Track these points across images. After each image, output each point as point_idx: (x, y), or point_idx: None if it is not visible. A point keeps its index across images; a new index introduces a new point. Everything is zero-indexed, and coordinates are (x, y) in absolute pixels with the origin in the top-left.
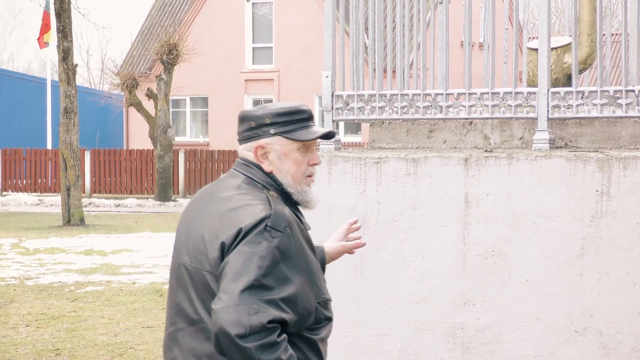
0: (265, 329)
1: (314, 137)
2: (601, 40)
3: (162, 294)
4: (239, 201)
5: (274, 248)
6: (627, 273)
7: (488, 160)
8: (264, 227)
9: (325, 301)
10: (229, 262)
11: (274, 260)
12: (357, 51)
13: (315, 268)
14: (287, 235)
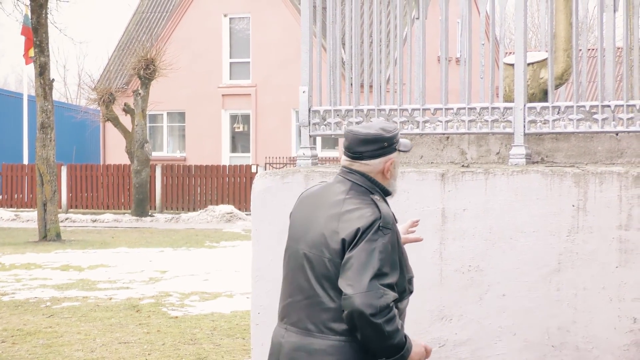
0: (389, 307)
1: (412, 146)
2: (577, 55)
3: (139, 310)
4: (352, 204)
5: (387, 243)
6: (604, 288)
7: (465, 175)
8: (377, 227)
9: (410, 278)
10: (354, 256)
11: (387, 252)
12: (334, 66)
13: (404, 251)
14: (394, 231)
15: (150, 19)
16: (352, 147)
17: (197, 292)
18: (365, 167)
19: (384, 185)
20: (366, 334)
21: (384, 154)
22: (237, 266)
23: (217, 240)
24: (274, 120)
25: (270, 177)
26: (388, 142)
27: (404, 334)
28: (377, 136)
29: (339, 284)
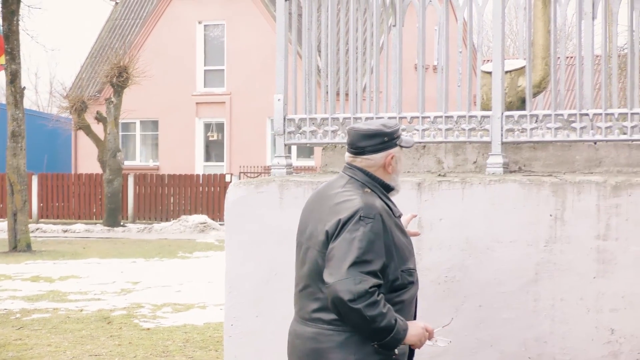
0: (367, 292)
1: (413, 143)
2: (555, 63)
3: (110, 321)
4: (342, 197)
5: (368, 232)
6: (581, 299)
7: (441, 184)
8: (358, 218)
9: (409, 269)
10: (335, 247)
11: (369, 240)
12: (309, 74)
13: (401, 243)
14: (377, 221)
15: (124, 26)
16: (354, 143)
17: (169, 304)
18: (366, 162)
19: (384, 180)
20: (350, 319)
21: (384, 148)
22: (210, 277)
23: (190, 251)
24: (249, 128)
25: (245, 186)
26: (388, 137)
27: (392, 317)
28: (377, 131)
29: (323, 274)
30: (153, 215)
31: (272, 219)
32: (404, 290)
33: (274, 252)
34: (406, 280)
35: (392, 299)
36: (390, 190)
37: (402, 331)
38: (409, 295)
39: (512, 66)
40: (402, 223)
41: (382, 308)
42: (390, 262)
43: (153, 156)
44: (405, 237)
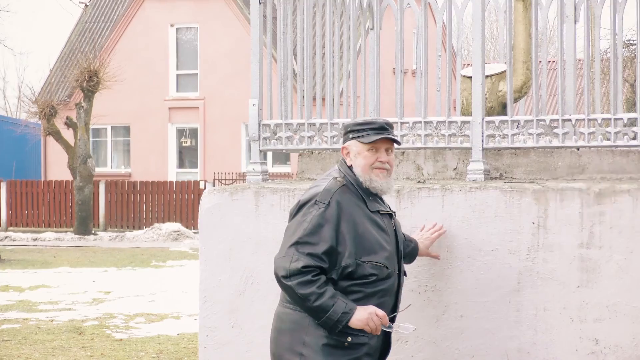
0: (301, 272)
1: (371, 140)
2: (537, 67)
3: (82, 332)
4: (315, 183)
5: (319, 215)
6: (565, 308)
7: (421, 191)
8: (314, 202)
9: (373, 263)
10: (288, 227)
11: (318, 224)
12: (285, 78)
13: (368, 235)
14: (332, 207)
15: (94, 29)
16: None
17: (142, 314)
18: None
19: (354, 173)
20: (288, 296)
21: (344, 141)
22: (184, 286)
23: (164, 260)
24: (223, 134)
25: (219, 193)
26: (345, 130)
27: (330, 299)
28: (344, 125)
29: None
30: (125, 223)
31: (248, 227)
32: (366, 282)
33: (249, 261)
34: (367, 272)
35: (348, 287)
36: (364, 186)
37: (342, 314)
38: (376, 289)
39: (493, 70)
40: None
41: (317, 288)
42: (342, 249)
43: (125, 163)
44: (383, 232)
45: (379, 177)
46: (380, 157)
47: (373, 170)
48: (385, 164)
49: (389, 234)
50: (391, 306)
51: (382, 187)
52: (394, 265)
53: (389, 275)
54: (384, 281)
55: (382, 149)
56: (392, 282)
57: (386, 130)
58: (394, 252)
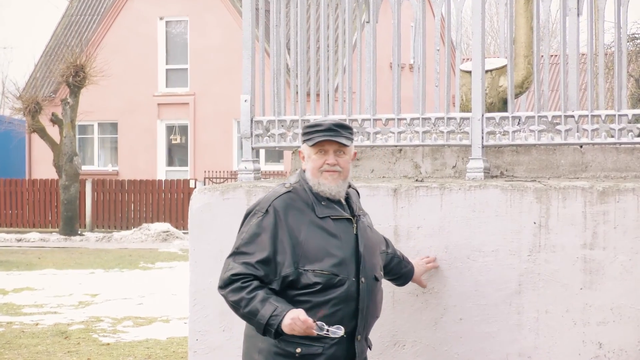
0: (232, 280)
1: (314, 143)
2: (539, 62)
3: (67, 336)
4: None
5: (256, 225)
6: (567, 311)
7: (419, 190)
8: (254, 211)
9: (316, 271)
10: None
11: (255, 233)
12: (278, 73)
13: (312, 242)
14: (270, 215)
15: (80, 22)
16: None
17: (130, 317)
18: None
19: (306, 177)
20: (228, 305)
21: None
22: (174, 289)
23: (153, 261)
24: (214, 131)
25: (210, 192)
26: (301, 133)
27: (259, 303)
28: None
29: None
30: (112, 224)
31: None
32: (311, 291)
33: None
34: (310, 281)
35: (295, 297)
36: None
37: (271, 317)
38: (326, 298)
39: (493, 65)
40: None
41: (247, 294)
42: (281, 259)
43: (112, 161)
44: (333, 238)
45: (327, 181)
46: (328, 160)
47: (322, 174)
48: (335, 166)
49: (343, 239)
50: (351, 313)
51: (330, 191)
52: (348, 271)
53: (340, 283)
54: (335, 289)
55: (331, 151)
56: (346, 290)
57: (333, 132)
58: (349, 258)
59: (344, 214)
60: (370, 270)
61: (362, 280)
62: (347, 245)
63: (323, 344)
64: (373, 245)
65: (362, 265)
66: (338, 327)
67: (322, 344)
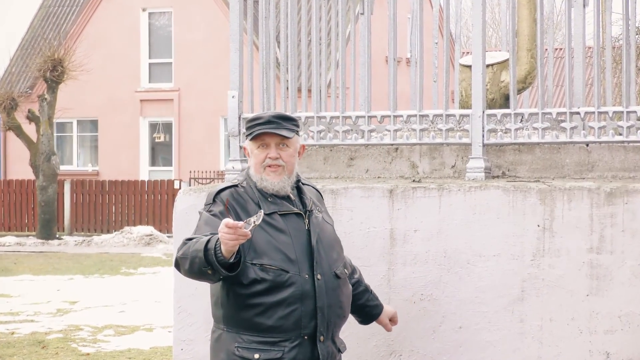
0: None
1: (252, 136)
2: (543, 56)
3: (45, 346)
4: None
5: (205, 216)
6: (573, 319)
7: (416, 191)
8: (203, 207)
9: (263, 265)
10: None
11: (205, 221)
12: (267, 67)
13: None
14: (218, 204)
15: (58, 13)
16: None
17: (111, 326)
18: None
19: (250, 173)
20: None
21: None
22: (157, 296)
23: (135, 267)
24: (200, 129)
25: (195, 194)
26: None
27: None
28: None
29: None
30: (92, 227)
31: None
32: (259, 290)
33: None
34: (257, 276)
35: (244, 299)
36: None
37: (208, 242)
38: (277, 299)
39: (495, 59)
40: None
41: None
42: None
43: (92, 160)
44: (280, 233)
45: (270, 177)
46: (270, 154)
47: (265, 170)
48: (277, 160)
49: (293, 234)
50: (310, 313)
51: (274, 187)
52: (300, 267)
53: (291, 280)
54: (287, 288)
55: (273, 144)
56: (299, 287)
57: (273, 124)
58: (301, 254)
59: (292, 209)
60: (327, 266)
61: (317, 277)
62: (298, 240)
63: (282, 347)
64: (330, 240)
65: (316, 261)
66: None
67: (280, 347)
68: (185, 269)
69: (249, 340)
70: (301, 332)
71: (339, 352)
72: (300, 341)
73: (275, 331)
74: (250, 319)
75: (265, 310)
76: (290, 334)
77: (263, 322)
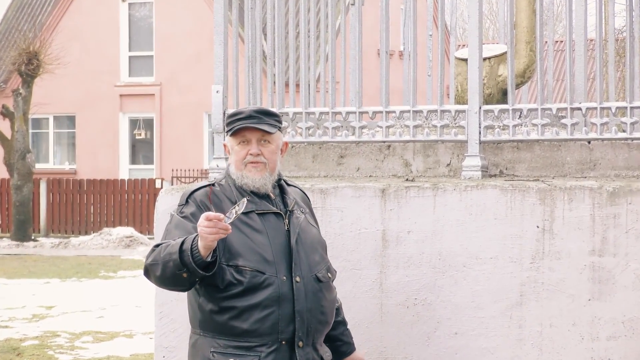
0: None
1: (232, 132)
2: (542, 49)
3: (20, 353)
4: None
5: (176, 218)
6: (574, 324)
7: (409, 191)
8: (175, 208)
9: (238, 267)
10: None
11: (175, 224)
12: (253, 61)
13: (231, 238)
14: (191, 205)
15: (33, 4)
16: None
17: (90, 332)
18: None
19: (230, 171)
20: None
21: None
22: (138, 300)
23: (114, 270)
24: (182, 125)
25: (178, 193)
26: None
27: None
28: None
29: None
30: (70, 228)
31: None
32: (233, 293)
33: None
34: (233, 279)
35: (220, 302)
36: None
37: (183, 243)
38: (252, 302)
39: (492, 52)
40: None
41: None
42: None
43: (69, 158)
44: (257, 233)
45: (251, 173)
46: (251, 150)
47: (246, 166)
48: (258, 156)
49: (271, 235)
50: (287, 317)
51: (254, 183)
52: (277, 269)
53: (267, 282)
54: (262, 290)
55: (254, 140)
56: (276, 290)
57: (254, 119)
58: (279, 255)
59: (271, 208)
60: (307, 269)
61: (296, 279)
62: (276, 241)
63: (258, 352)
64: (312, 242)
65: (294, 263)
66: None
67: (257, 353)
68: (156, 275)
69: (225, 345)
70: (278, 336)
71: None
72: (278, 346)
73: (251, 335)
74: (226, 323)
75: (240, 314)
76: (267, 338)
77: (238, 326)
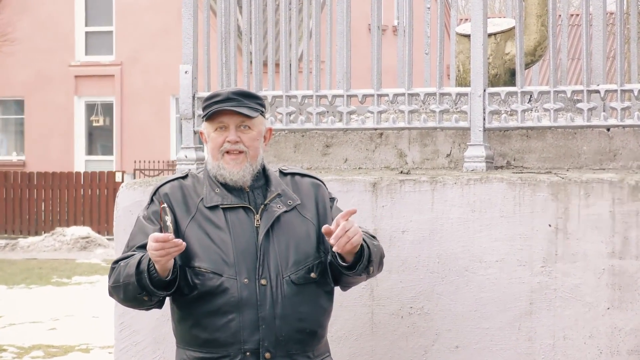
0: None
1: (208, 116)
2: (555, 23)
3: None
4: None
5: (139, 220)
6: (591, 336)
7: (404, 184)
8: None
9: (193, 268)
10: None
11: (138, 228)
12: (227, 38)
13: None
14: (155, 204)
15: None
16: None
17: (40, 346)
18: None
19: (207, 161)
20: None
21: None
22: (95, 310)
23: (69, 275)
24: (146, 111)
25: (141, 188)
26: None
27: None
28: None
29: None
30: (18, 227)
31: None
32: (194, 297)
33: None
34: (191, 282)
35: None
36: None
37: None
38: (207, 310)
39: (498, 27)
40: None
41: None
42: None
43: (17, 148)
44: (218, 230)
45: (229, 165)
46: (228, 137)
47: (224, 156)
48: (237, 144)
49: (235, 232)
50: (252, 324)
51: (232, 176)
52: (238, 270)
53: (223, 286)
54: (220, 295)
55: (232, 125)
56: (237, 294)
57: (233, 101)
58: (242, 254)
59: (240, 203)
60: (276, 270)
61: (261, 282)
62: (241, 239)
63: None
64: (291, 238)
65: (259, 263)
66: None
67: None
68: (120, 298)
69: (191, 356)
70: (242, 346)
71: None
72: (242, 357)
73: (211, 345)
74: (187, 332)
75: (198, 321)
76: (229, 348)
77: (198, 335)
